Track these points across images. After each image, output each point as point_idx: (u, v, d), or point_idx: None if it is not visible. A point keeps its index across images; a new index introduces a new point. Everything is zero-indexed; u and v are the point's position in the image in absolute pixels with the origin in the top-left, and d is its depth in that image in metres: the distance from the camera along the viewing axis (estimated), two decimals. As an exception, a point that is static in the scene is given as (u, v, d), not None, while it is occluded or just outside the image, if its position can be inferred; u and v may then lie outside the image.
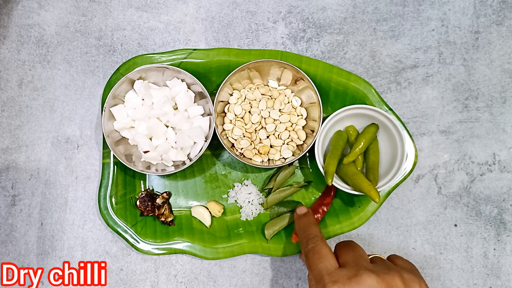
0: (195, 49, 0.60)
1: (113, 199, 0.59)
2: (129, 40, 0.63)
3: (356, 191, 0.53)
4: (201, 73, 0.59)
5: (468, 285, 0.58)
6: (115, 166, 0.59)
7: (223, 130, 0.58)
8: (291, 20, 0.63)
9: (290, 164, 0.59)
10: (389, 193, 0.58)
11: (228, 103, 0.59)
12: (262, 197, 0.60)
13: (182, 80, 0.58)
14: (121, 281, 0.60)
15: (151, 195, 0.59)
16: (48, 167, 0.62)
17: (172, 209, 0.60)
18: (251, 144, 0.58)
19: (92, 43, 0.63)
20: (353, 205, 0.58)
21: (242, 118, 0.58)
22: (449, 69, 0.61)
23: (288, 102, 0.59)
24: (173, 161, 0.57)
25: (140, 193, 0.59)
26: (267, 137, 0.58)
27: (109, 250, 0.60)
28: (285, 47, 0.62)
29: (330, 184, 0.52)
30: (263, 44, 0.63)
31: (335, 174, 0.55)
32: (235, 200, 0.60)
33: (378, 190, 0.51)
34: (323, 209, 0.57)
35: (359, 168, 0.56)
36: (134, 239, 0.58)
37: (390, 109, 0.58)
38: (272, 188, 0.59)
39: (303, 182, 0.59)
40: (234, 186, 0.60)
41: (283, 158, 0.57)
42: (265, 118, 0.58)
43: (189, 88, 0.58)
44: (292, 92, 0.59)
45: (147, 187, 0.60)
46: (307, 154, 0.60)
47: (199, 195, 0.60)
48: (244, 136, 0.58)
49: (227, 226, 0.59)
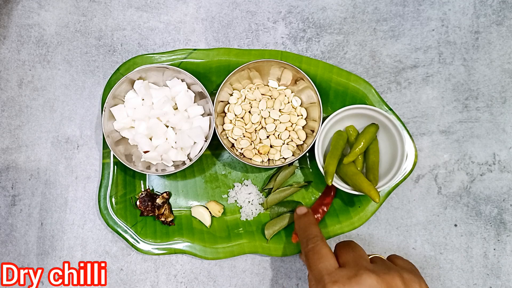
0: (195, 49, 0.60)
1: (113, 199, 0.59)
2: (129, 40, 0.63)
3: (356, 191, 0.53)
4: (201, 73, 0.59)
5: (468, 285, 0.58)
6: (115, 166, 0.59)
7: (223, 130, 0.58)
8: (291, 20, 0.63)
9: (290, 164, 0.59)
10: (389, 193, 0.58)
11: (228, 103, 0.59)
12: (262, 197, 0.60)
13: (182, 80, 0.58)
14: (121, 281, 0.60)
15: (151, 195, 0.59)
16: (48, 167, 0.62)
17: (172, 209, 0.60)
18: (251, 144, 0.58)
19: (92, 43, 0.63)
20: (353, 205, 0.58)
21: (242, 118, 0.58)
22: (449, 69, 0.61)
23: (288, 102, 0.59)
24: (173, 161, 0.57)
25: (140, 193, 0.59)
26: (267, 137, 0.58)
27: (109, 250, 0.60)
28: (285, 47, 0.62)
29: (330, 184, 0.52)
30: (263, 44, 0.63)
31: (335, 174, 0.55)
32: (235, 200, 0.60)
33: (378, 190, 0.51)
34: (323, 209, 0.57)
35: (359, 168, 0.56)
36: (134, 239, 0.58)
37: (390, 109, 0.58)
38: (272, 188, 0.59)
39: (303, 182, 0.59)
40: (234, 186, 0.60)
41: (283, 158, 0.57)
42: (265, 118, 0.58)
43: (189, 88, 0.58)
44: (292, 92, 0.59)
45: (147, 187, 0.60)
46: (307, 154, 0.60)
47: (199, 195, 0.60)
48: (244, 136, 0.58)
49: (227, 226, 0.59)
